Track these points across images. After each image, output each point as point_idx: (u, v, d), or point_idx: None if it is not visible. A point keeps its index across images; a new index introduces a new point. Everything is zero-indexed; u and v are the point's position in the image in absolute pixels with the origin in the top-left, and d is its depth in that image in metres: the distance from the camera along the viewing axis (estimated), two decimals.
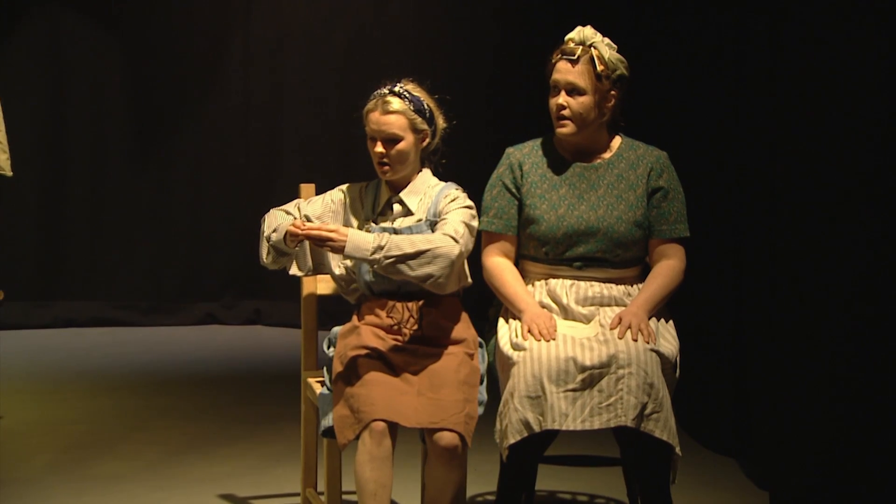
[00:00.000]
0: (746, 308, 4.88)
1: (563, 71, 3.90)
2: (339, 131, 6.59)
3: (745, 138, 4.88)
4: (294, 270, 3.96)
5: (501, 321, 3.93)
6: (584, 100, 3.91)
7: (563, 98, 3.91)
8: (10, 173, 5.12)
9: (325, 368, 3.97)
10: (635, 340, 3.74)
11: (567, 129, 3.93)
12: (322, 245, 3.74)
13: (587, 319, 3.88)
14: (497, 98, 6.50)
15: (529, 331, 3.78)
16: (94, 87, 6.88)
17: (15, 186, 5.50)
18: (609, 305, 3.91)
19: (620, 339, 3.73)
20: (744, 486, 4.68)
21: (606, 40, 3.92)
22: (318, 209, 3.96)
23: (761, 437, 4.65)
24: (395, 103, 3.87)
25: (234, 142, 7.00)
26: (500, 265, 3.97)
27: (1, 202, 6.19)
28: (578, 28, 3.93)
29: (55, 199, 6.90)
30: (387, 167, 3.88)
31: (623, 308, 3.88)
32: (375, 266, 3.75)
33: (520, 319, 3.86)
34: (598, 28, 3.94)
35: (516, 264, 4.01)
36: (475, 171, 4.14)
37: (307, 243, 3.85)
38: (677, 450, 3.73)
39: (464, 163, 4.03)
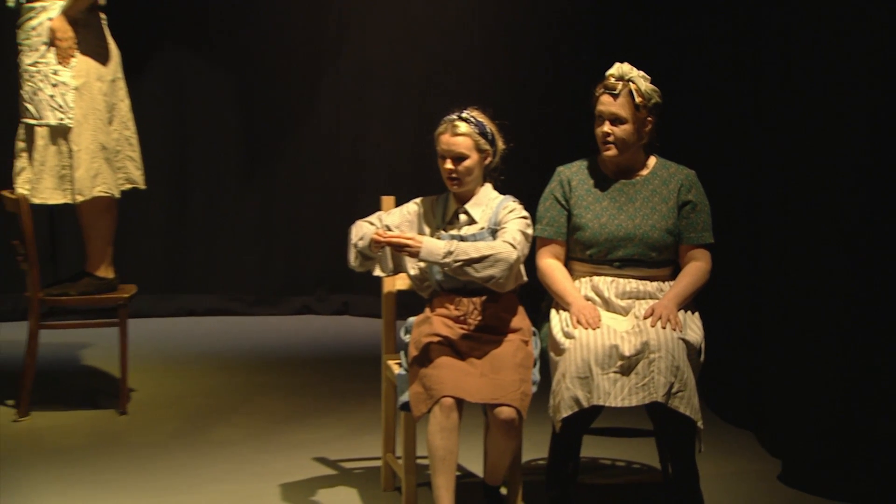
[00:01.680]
0: (761, 302, 4.82)
1: (607, 103, 3.90)
2: (414, 151, 6.59)
3: (759, 153, 4.84)
4: (377, 272, 3.97)
5: (553, 312, 3.93)
6: (626, 127, 3.90)
7: (607, 127, 3.91)
8: (143, 186, 5.17)
9: (402, 352, 3.99)
10: (664, 328, 3.70)
11: (612, 152, 3.93)
12: (401, 250, 3.76)
13: (625, 311, 3.87)
14: (548, 124, 6.47)
15: (578, 321, 3.76)
16: (211, 114, 6.94)
17: (146, 197, 5.54)
18: (644, 299, 3.90)
19: (653, 327, 3.70)
20: (759, 454, 4.62)
21: (641, 73, 3.90)
22: (397, 219, 3.97)
23: (774, 412, 4.59)
24: (463, 127, 3.88)
25: (326, 160, 7.02)
26: (551, 266, 3.97)
27: (135, 211, 6.22)
28: (617, 64, 3.92)
29: (179, 208, 6.95)
30: (455, 181, 3.89)
31: (656, 301, 3.85)
32: (446, 268, 3.75)
33: (568, 311, 3.84)
34: (632, 62, 3.92)
35: (565, 265, 4.00)
36: (529, 186, 4.11)
37: (388, 249, 3.86)
38: (699, 424, 3.71)
39: (520, 178, 4.01)
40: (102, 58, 4.94)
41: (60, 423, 4.92)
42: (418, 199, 4.00)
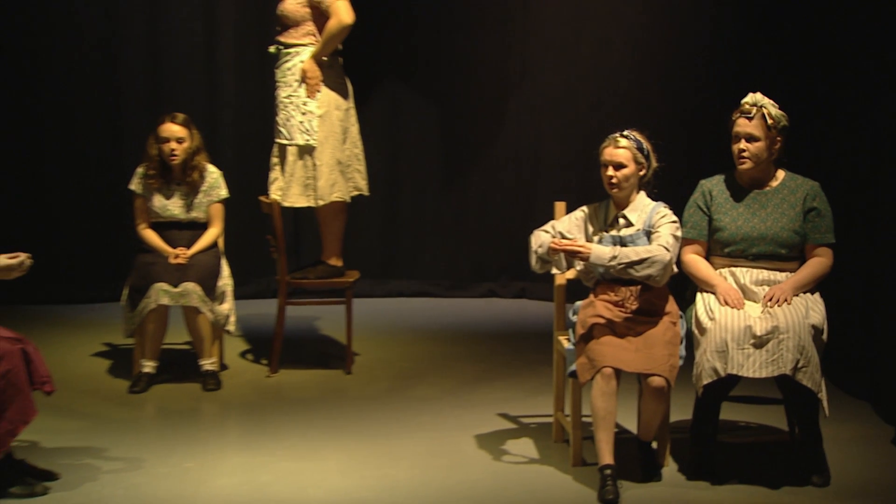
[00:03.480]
0: (877, 288, 4.65)
1: (743, 125, 3.87)
2: (581, 165, 6.51)
3: (876, 164, 4.68)
4: (555, 271, 4.01)
5: (698, 297, 3.91)
6: (759, 145, 3.86)
7: (743, 144, 3.88)
8: (367, 193, 5.24)
9: (570, 330, 4.02)
10: (779, 305, 3.68)
11: (747, 165, 3.89)
12: (574, 256, 3.79)
13: (758, 297, 3.83)
14: (693, 144, 6.33)
15: (725, 300, 3.75)
16: (418, 135, 6.90)
17: (367, 201, 5.60)
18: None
19: (770, 307, 3.68)
20: (875, 421, 4.46)
21: (771, 101, 3.87)
22: (566, 225, 3.99)
23: (889, 384, 4.43)
24: (623, 142, 3.89)
25: (510, 171, 6.94)
26: (695, 259, 3.96)
27: (360, 212, 6.24)
28: (750, 94, 3.90)
29: (392, 210, 6.94)
30: (614, 186, 3.89)
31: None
32: (611, 270, 3.77)
33: (713, 293, 3.81)
34: (764, 91, 3.90)
35: (706, 260, 3.97)
36: (678, 196, 4.09)
37: (563, 254, 3.90)
38: (819, 395, 3.65)
39: (670, 189, 4.01)
40: (340, 91, 5.02)
41: (301, 380, 5.04)
42: (584, 207, 4.02)
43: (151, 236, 5.00)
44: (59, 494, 3.71)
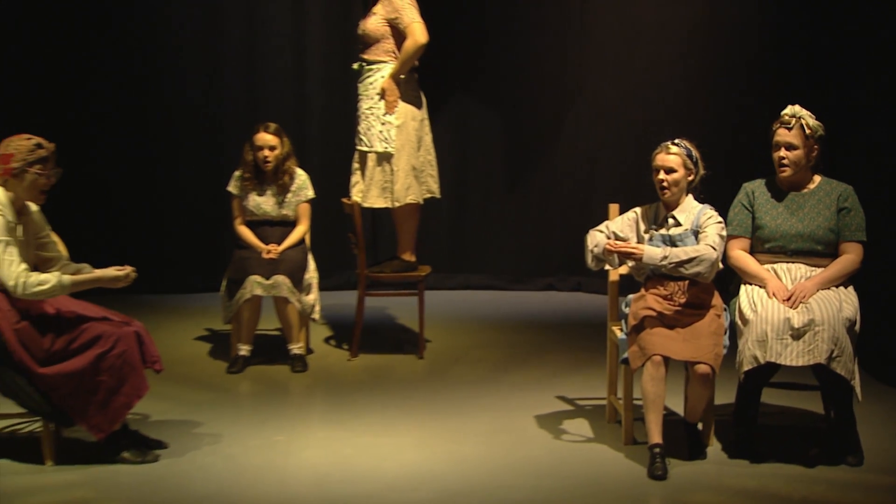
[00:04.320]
0: None
1: (783, 135, 3.86)
2: (633, 170, 6.50)
3: None
4: (608, 267, 4.04)
5: (742, 291, 3.90)
6: (798, 153, 3.85)
7: (783, 152, 3.87)
8: (439, 196, 5.26)
9: (622, 321, 4.04)
10: (794, 307, 3.64)
11: (786, 172, 3.89)
12: (627, 257, 3.81)
13: None
14: (737, 152, 6.26)
15: (775, 294, 3.74)
16: (484, 141, 6.93)
17: (437, 202, 5.57)
18: None
19: (793, 307, 3.66)
20: None
21: (809, 112, 3.86)
22: (620, 225, 4.02)
23: None
24: (674, 149, 3.90)
25: (567, 174, 6.92)
26: (742, 255, 3.96)
27: (431, 212, 6.19)
28: (790, 106, 3.89)
29: (460, 210, 6.98)
30: (665, 189, 3.90)
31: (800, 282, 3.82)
32: (662, 269, 3.78)
33: (762, 286, 3.81)
34: (802, 104, 3.89)
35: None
36: (722, 199, 4.08)
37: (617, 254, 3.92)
38: (852, 382, 3.65)
39: (714, 193, 4.00)
40: (416, 104, 5.06)
41: (378, 363, 5.10)
42: (636, 208, 4.04)
43: (246, 233, 5.14)
44: (166, 461, 3.85)
